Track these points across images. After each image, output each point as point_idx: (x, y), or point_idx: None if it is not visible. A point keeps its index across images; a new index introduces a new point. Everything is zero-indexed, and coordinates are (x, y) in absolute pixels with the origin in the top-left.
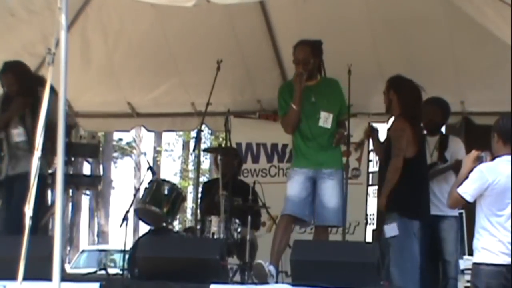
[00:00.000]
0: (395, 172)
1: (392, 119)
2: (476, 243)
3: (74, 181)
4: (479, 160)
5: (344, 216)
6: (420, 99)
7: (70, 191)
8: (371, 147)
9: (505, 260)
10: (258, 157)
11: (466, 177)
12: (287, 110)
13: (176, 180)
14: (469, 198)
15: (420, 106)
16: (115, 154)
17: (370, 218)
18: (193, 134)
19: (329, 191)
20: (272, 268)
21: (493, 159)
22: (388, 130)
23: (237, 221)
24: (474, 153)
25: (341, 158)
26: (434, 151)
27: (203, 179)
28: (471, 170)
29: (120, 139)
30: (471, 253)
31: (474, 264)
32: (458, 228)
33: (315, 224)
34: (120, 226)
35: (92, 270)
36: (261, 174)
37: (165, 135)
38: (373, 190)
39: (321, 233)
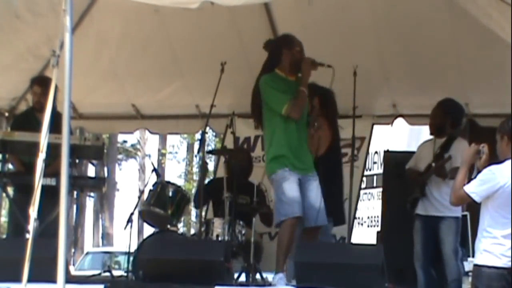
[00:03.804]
0: None
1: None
2: (478, 244)
3: (79, 183)
4: (478, 154)
5: (350, 216)
6: (334, 100)
7: (75, 193)
8: (373, 148)
9: (506, 262)
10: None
11: (470, 174)
12: (292, 96)
13: (180, 182)
14: (477, 198)
15: (334, 106)
16: (119, 156)
17: (374, 220)
18: (198, 136)
19: (315, 192)
20: (280, 276)
21: (501, 161)
22: None
23: (241, 223)
24: (473, 146)
25: None
26: (437, 152)
27: (207, 181)
28: (473, 166)
29: (125, 141)
30: None
31: (476, 265)
32: (458, 229)
33: (304, 226)
34: (125, 228)
35: (96, 272)
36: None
37: (170, 137)
38: (377, 192)
39: (314, 235)
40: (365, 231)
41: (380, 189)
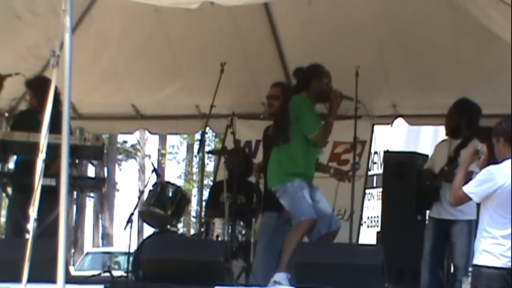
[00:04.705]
0: None
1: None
2: (477, 245)
3: (79, 184)
4: (477, 154)
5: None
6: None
7: (75, 193)
8: (373, 148)
9: (506, 262)
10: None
11: (469, 175)
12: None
13: (180, 182)
14: (476, 199)
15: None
16: (119, 157)
17: (374, 220)
18: (198, 136)
19: (324, 200)
20: (283, 275)
21: (499, 162)
22: None
23: (241, 223)
24: (472, 146)
25: None
26: (451, 155)
27: (207, 181)
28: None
29: (125, 142)
30: None
31: (475, 266)
32: (470, 232)
33: (321, 233)
34: (125, 228)
35: (96, 272)
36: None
37: (170, 138)
38: (377, 192)
39: (331, 241)
40: (365, 231)
41: (380, 189)
